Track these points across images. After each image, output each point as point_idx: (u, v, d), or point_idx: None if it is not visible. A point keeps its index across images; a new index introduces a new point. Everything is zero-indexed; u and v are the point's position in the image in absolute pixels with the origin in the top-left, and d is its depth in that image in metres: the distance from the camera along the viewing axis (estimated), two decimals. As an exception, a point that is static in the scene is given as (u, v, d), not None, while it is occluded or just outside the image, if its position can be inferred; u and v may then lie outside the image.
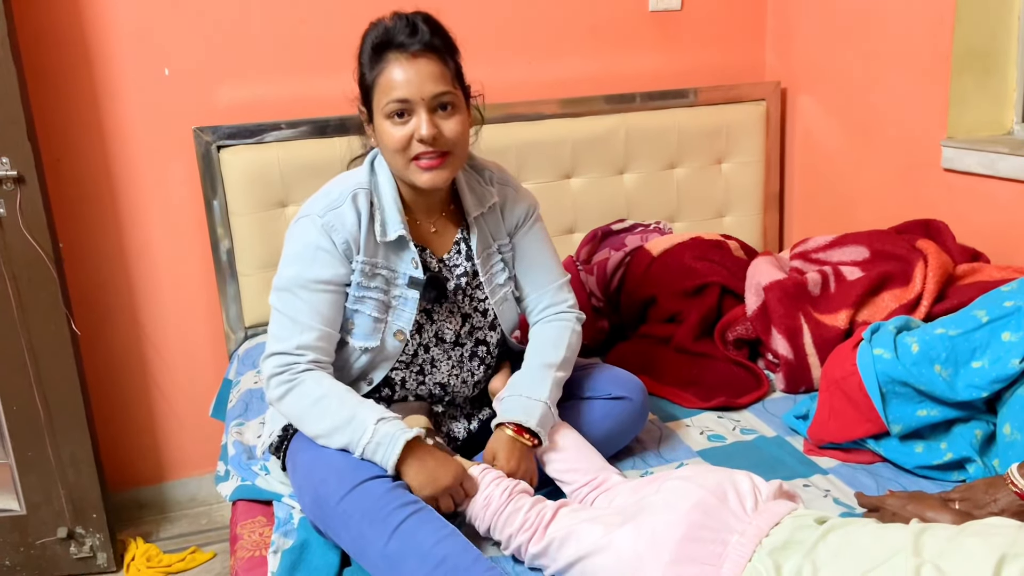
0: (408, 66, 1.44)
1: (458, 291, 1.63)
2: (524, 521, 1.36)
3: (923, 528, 1.13)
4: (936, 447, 1.57)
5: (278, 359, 1.47)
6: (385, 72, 1.46)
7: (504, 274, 1.68)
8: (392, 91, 1.45)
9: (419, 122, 1.45)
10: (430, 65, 1.45)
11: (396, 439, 1.38)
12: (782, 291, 1.97)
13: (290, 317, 1.48)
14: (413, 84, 1.44)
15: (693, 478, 1.28)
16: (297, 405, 1.45)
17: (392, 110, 1.45)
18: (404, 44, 1.45)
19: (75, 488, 2.30)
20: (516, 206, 1.69)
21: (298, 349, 1.47)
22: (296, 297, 1.49)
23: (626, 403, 1.67)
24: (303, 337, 1.47)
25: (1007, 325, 1.51)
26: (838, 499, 1.52)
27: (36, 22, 2.21)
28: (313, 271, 1.49)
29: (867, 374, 1.59)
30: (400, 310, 1.56)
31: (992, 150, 2.13)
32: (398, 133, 1.46)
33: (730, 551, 1.17)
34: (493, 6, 2.57)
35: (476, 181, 1.66)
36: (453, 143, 1.48)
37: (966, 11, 2.17)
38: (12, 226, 2.10)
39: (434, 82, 1.45)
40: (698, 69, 2.80)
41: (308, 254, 1.50)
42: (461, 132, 1.49)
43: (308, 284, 1.49)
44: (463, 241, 1.64)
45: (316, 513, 1.41)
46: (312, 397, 1.44)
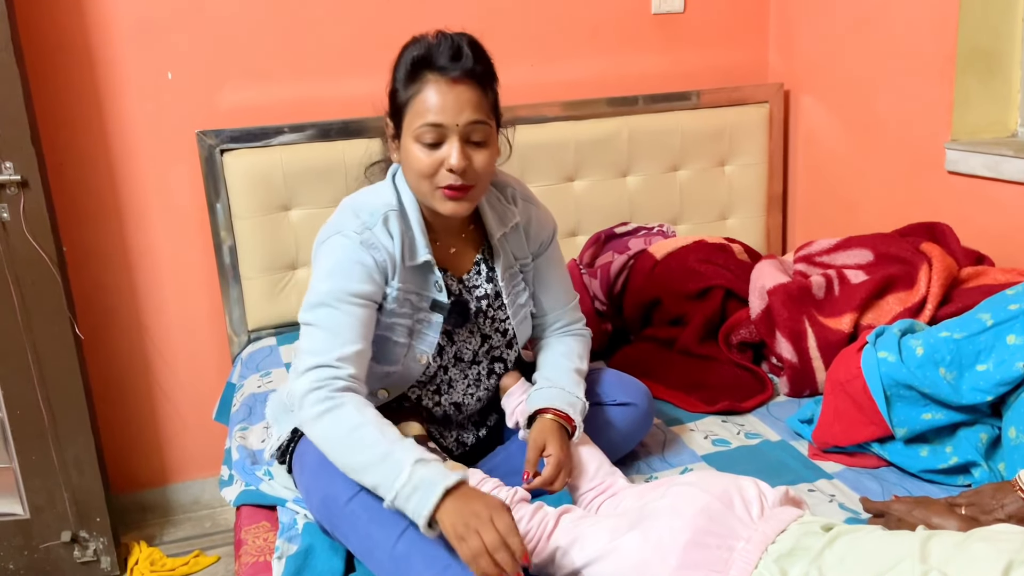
0: (447, 90, 1.39)
1: (479, 314, 1.59)
2: (527, 532, 1.35)
3: (930, 535, 1.12)
4: (941, 451, 1.56)
5: (317, 373, 1.36)
6: (422, 93, 1.40)
7: (525, 293, 1.64)
8: (427, 114, 1.39)
9: (450, 150, 1.40)
10: (469, 92, 1.40)
11: (431, 492, 1.22)
12: (786, 294, 1.97)
13: (329, 330, 1.40)
14: (450, 110, 1.39)
15: (699, 484, 1.28)
16: (333, 431, 1.33)
17: (424, 133, 1.40)
18: (445, 67, 1.39)
19: (79, 492, 2.30)
20: (541, 228, 1.65)
21: (339, 361, 1.37)
22: (336, 310, 1.41)
23: (632, 409, 1.66)
24: (344, 349, 1.38)
25: (1012, 328, 1.50)
26: (843, 504, 1.51)
27: (39, 26, 2.21)
28: (353, 284, 1.43)
29: (871, 377, 1.59)
30: (423, 334, 1.53)
31: (996, 152, 2.12)
32: (427, 159, 1.41)
33: (736, 557, 1.16)
34: (496, 8, 2.56)
35: (497, 199, 1.61)
36: (480, 176, 1.44)
37: (970, 12, 2.16)
38: (16, 230, 2.10)
39: (472, 110, 1.40)
40: (701, 71, 2.80)
41: (347, 268, 1.43)
42: (489, 166, 1.45)
43: (348, 297, 1.42)
44: (483, 262, 1.60)
45: (324, 514, 1.40)
46: (349, 424, 1.32)
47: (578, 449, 1.54)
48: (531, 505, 1.40)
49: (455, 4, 2.53)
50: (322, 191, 2.38)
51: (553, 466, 1.47)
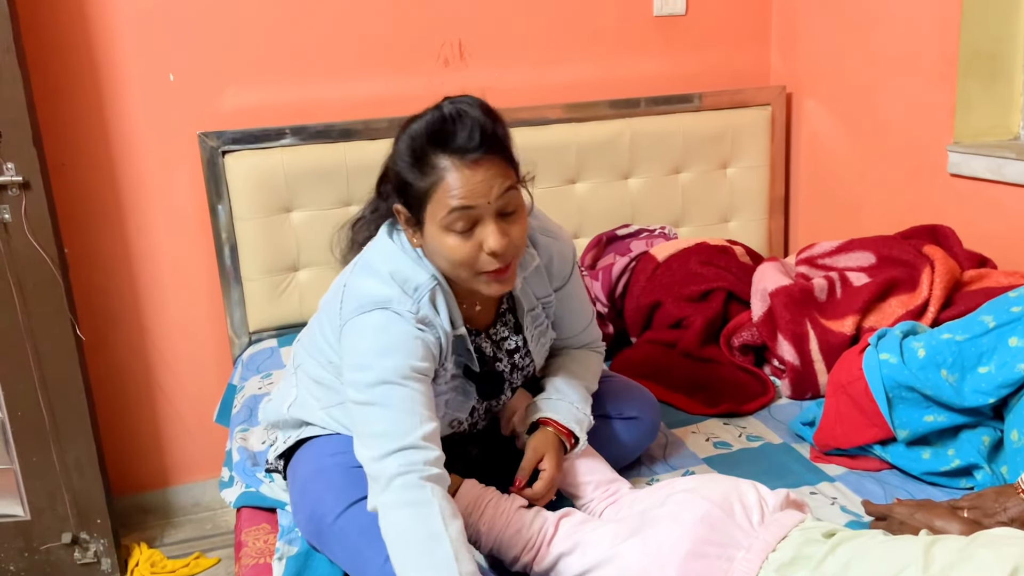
0: (472, 172, 1.25)
1: (513, 370, 1.54)
2: (527, 541, 1.34)
3: (933, 540, 1.12)
4: (943, 453, 1.56)
5: (404, 456, 1.23)
6: (445, 181, 1.26)
7: (548, 331, 1.58)
8: (453, 199, 1.26)
9: (486, 233, 1.28)
10: (495, 167, 1.27)
11: None
12: (788, 297, 1.97)
13: (403, 410, 1.27)
14: (479, 192, 1.26)
15: (699, 489, 1.27)
16: (411, 528, 1.20)
17: (455, 221, 1.27)
18: (464, 149, 1.26)
19: (79, 493, 2.30)
20: (562, 261, 1.55)
21: (424, 441, 1.25)
22: (405, 387, 1.29)
23: (639, 422, 1.65)
24: (425, 428, 1.26)
25: (1014, 330, 1.50)
26: (845, 507, 1.51)
27: (42, 28, 2.21)
28: (417, 361, 1.31)
29: (873, 379, 1.58)
30: (460, 401, 1.47)
31: (999, 155, 2.12)
32: (464, 248, 1.29)
33: (736, 568, 1.16)
34: (498, 12, 2.56)
35: None
36: (519, 248, 1.33)
37: (972, 15, 2.16)
38: (17, 231, 2.10)
39: (501, 182, 1.27)
40: (703, 74, 2.80)
41: (408, 344, 1.31)
42: (524, 233, 1.34)
43: (413, 374, 1.30)
44: (508, 312, 1.53)
45: (311, 530, 1.39)
46: (431, 531, 1.18)
47: (581, 459, 1.53)
48: (530, 511, 1.40)
49: (457, 8, 2.53)
50: (323, 193, 2.38)
51: (545, 483, 1.46)
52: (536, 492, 1.45)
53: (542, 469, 1.47)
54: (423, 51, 2.53)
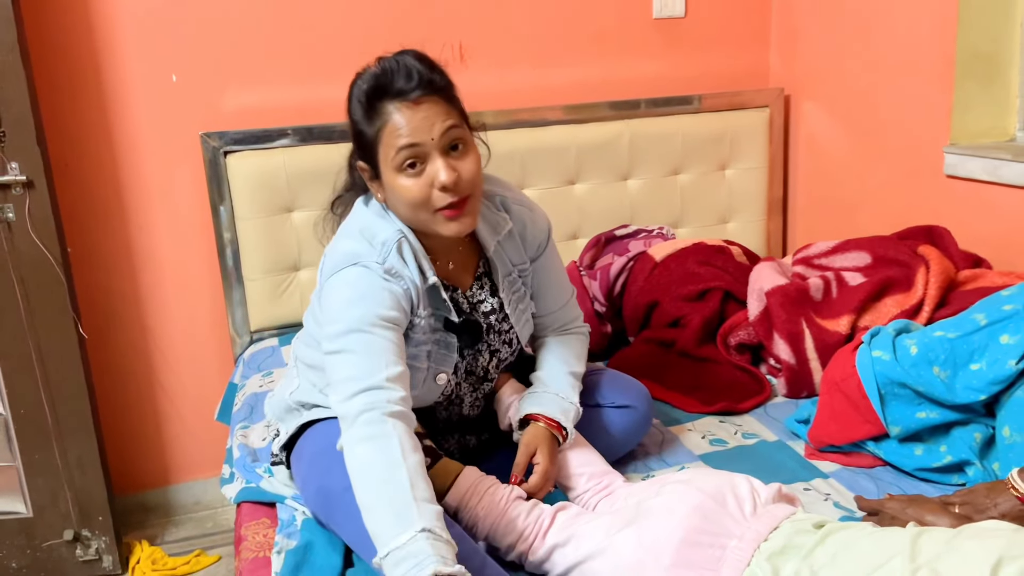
0: (413, 113, 1.35)
1: (489, 330, 1.58)
2: (523, 530, 1.36)
3: (920, 531, 1.13)
4: (935, 449, 1.57)
5: (367, 396, 1.29)
6: (389, 123, 1.36)
7: (526, 298, 1.62)
8: (399, 139, 1.35)
9: (436, 168, 1.35)
10: (435, 106, 1.36)
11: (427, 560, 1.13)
12: (784, 296, 1.98)
13: (368, 354, 1.33)
14: (422, 128, 1.34)
15: (692, 481, 1.29)
16: (371, 458, 1.25)
17: (403, 158, 1.35)
18: (403, 91, 1.35)
19: (81, 491, 2.32)
20: (536, 230, 1.61)
21: (388, 382, 1.31)
22: (371, 335, 1.35)
23: (631, 412, 1.67)
24: (390, 370, 1.32)
25: (1005, 328, 1.51)
26: (838, 503, 1.52)
27: (45, 29, 2.24)
28: (383, 310, 1.37)
29: (866, 376, 1.60)
30: (443, 354, 1.51)
31: (995, 156, 2.14)
32: (415, 186, 1.36)
33: (728, 555, 1.17)
34: (498, 14, 2.58)
35: (487, 208, 1.55)
36: (472, 184, 1.39)
37: (969, 17, 2.18)
38: (21, 230, 2.12)
39: (443, 119, 1.35)
40: (702, 75, 2.82)
41: (375, 294, 1.38)
42: (477, 171, 1.41)
43: (380, 321, 1.36)
44: (484, 275, 1.58)
45: (319, 503, 1.41)
46: (389, 460, 1.23)
47: (574, 452, 1.55)
48: (527, 503, 1.41)
49: (457, 9, 2.55)
50: (324, 193, 2.33)
51: (540, 475, 1.49)
52: (532, 486, 1.48)
53: (536, 463, 1.50)
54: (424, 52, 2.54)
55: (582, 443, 1.58)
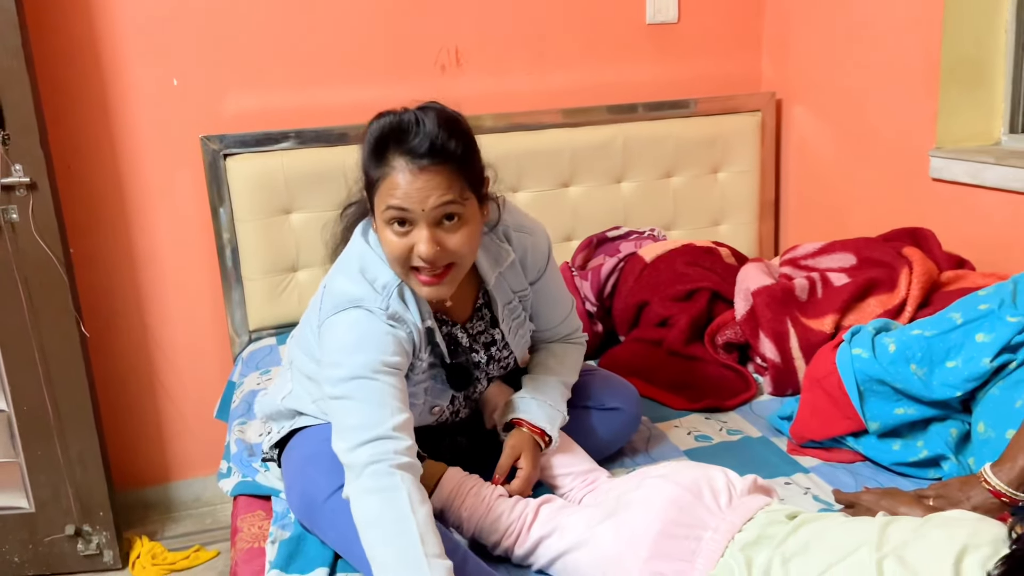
0: (413, 177, 1.31)
1: (490, 361, 1.60)
2: (508, 526, 1.40)
3: (888, 521, 1.17)
4: (912, 444, 1.61)
5: (375, 446, 1.29)
6: (389, 177, 1.32)
7: (526, 322, 1.63)
8: (392, 198, 1.32)
9: (419, 237, 1.33)
10: (439, 177, 1.31)
11: None
12: (770, 296, 2.02)
13: (373, 402, 1.33)
14: (414, 197, 1.31)
15: (670, 475, 1.33)
16: (380, 512, 1.26)
17: (392, 216, 1.34)
18: (412, 151, 1.31)
19: (83, 487, 2.36)
20: (537, 255, 1.60)
21: (395, 431, 1.31)
22: (376, 381, 1.35)
23: (620, 414, 1.71)
24: (396, 419, 1.32)
25: (981, 327, 1.55)
26: (817, 496, 1.56)
27: (50, 34, 2.28)
28: (387, 356, 1.37)
29: (846, 373, 1.64)
30: (439, 390, 1.54)
31: (978, 160, 2.18)
32: (398, 244, 1.35)
33: (703, 547, 1.21)
34: (494, 19, 2.63)
35: (490, 240, 1.53)
36: (458, 256, 1.37)
37: (953, 24, 2.22)
38: (24, 231, 2.17)
39: (440, 194, 1.31)
40: (695, 80, 2.86)
41: (379, 340, 1.38)
42: (467, 243, 1.37)
43: (384, 368, 1.36)
44: (484, 307, 1.58)
45: (303, 510, 1.45)
46: (398, 515, 1.24)
47: (560, 454, 1.58)
48: (510, 500, 1.45)
49: (455, 15, 2.59)
50: (322, 195, 2.44)
51: (523, 481, 1.52)
52: (514, 489, 1.51)
53: (519, 467, 1.54)
54: (420, 57, 2.59)
55: (568, 444, 1.61)
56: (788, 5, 2.78)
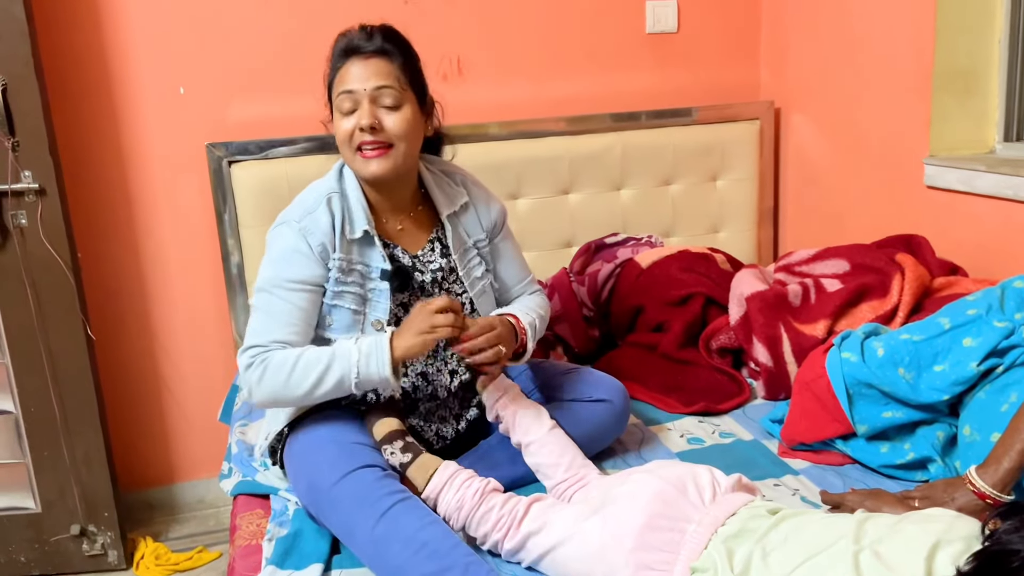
0: (360, 66, 1.59)
1: (434, 284, 1.71)
2: (498, 519, 1.43)
3: (866, 517, 1.20)
4: (900, 447, 1.64)
5: (252, 351, 1.56)
6: (342, 71, 1.61)
7: (482, 267, 1.76)
8: (342, 85, 1.60)
9: (362, 112, 1.57)
10: (380, 64, 1.59)
11: (380, 343, 1.51)
12: (763, 301, 2.05)
13: (268, 314, 1.58)
14: (359, 77, 1.58)
15: (656, 471, 1.36)
16: (277, 376, 1.52)
17: (341, 101, 1.59)
18: (360, 47, 1.60)
19: (88, 487, 2.39)
20: (491, 207, 1.80)
21: (273, 343, 1.56)
22: (274, 296, 1.58)
23: (606, 405, 1.74)
24: (278, 333, 1.56)
25: (968, 332, 1.58)
26: (805, 497, 1.59)
27: (59, 43, 2.33)
28: (290, 271, 1.58)
29: (835, 376, 1.67)
30: (376, 302, 1.64)
31: (971, 168, 2.20)
32: (344, 125, 1.59)
33: (687, 539, 1.24)
34: (495, 29, 2.67)
35: (446, 183, 1.76)
36: (396, 136, 1.59)
37: (946, 34, 2.24)
38: (33, 235, 2.21)
39: (379, 77, 1.58)
40: (694, 89, 2.88)
41: (286, 256, 1.59)
42: (404, 126, 1.59)
43: (285, 284, 1.58)
44: (437, 240, 1.73)
45: (309, 498, 1.51)
46: (289, 362, 1.52)
47: (554, 440, 1.61)
48: (503, 495, 1.48)
49: (456, 24, 2.63)
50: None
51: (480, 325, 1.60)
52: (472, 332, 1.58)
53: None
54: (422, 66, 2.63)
55: (561, 435, 1.63)
56: (785, 15, 2.81)
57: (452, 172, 1.79)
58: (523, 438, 1.61)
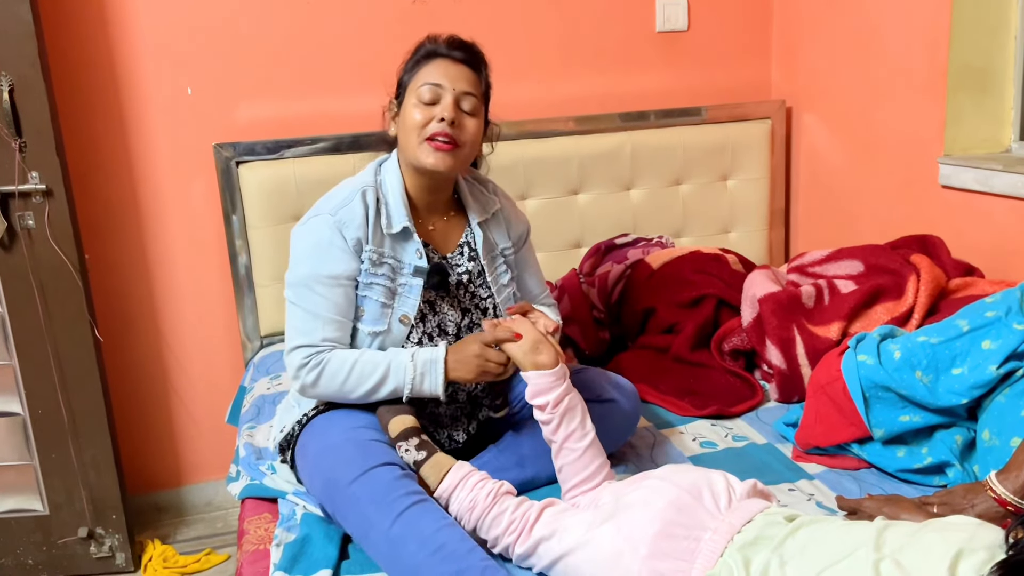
0: (448, 67, 1.62)
1: (460, 287, 1.71)
2: (510, 523, 1.41)
3: (886, 524, 1.17)
4: (917, 452, 1.61)
5: (304, 351, 1.59)
6: (426, 68, 1.62)
7: (508, 275, 1.78)
8: (429, 76, 1.60)
9: (444, 106, 1.58)
10: (467, 72, 1.63)
11: (436, 364, 1.57)
12: (776, 303, 2.02)
13: (310, 312, 1.59)
14: (448, 76, 1.60)
15: (670, 477, 1.34)
16: (334, 381, 1.57)
17: (424, 92, 1.59)
18: (448, 53, 1.63)
19: (96, 490, 2.38)
20: (518, 223, 1.83)
21: (323, 341, 1.59)
22: (313, 292, 1.59)
23: (615, 405, 1.72)
24: (326, 331, 1.59)
25: (987, 334, 1.55)
26: (821, 503, 1.56)
27: (66, 44, 2.32)
28: (328, 267, 1.59)
29: (851, 379, 1.64)
30: (405, 296, 1.65)
31: (987, 167, 2.17)
32: (421, 113, 1.59)
33: (703, 547, 1.22)
34: (504, 28, 2.65)
35: (479, 191, 1.78)
36: (466, 140, 1.61)
37: (961, 32, 2.22)
38: (40, 237, 2.20)
39: (466, 82, 1.61)
40: (705, 88, 2.86)
41: (321, 251, 1.60)
42: (475, 134, 1.63)
43: (324, 279, 1.59)
44: (467, 245, 1.74)
45: (325, 496, 1.49)
46: (346, 368, 1.57)
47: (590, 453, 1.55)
48: (516, 498, 1.46)
49: (465, 25, 2.60)
50: (333, 202, 2.46)
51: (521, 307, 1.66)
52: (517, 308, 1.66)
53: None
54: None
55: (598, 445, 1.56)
56: (797, 13, 2.78)
57: (485, 181, 1.83)
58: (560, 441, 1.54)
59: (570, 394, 1.55)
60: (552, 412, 1.53)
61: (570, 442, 1.52)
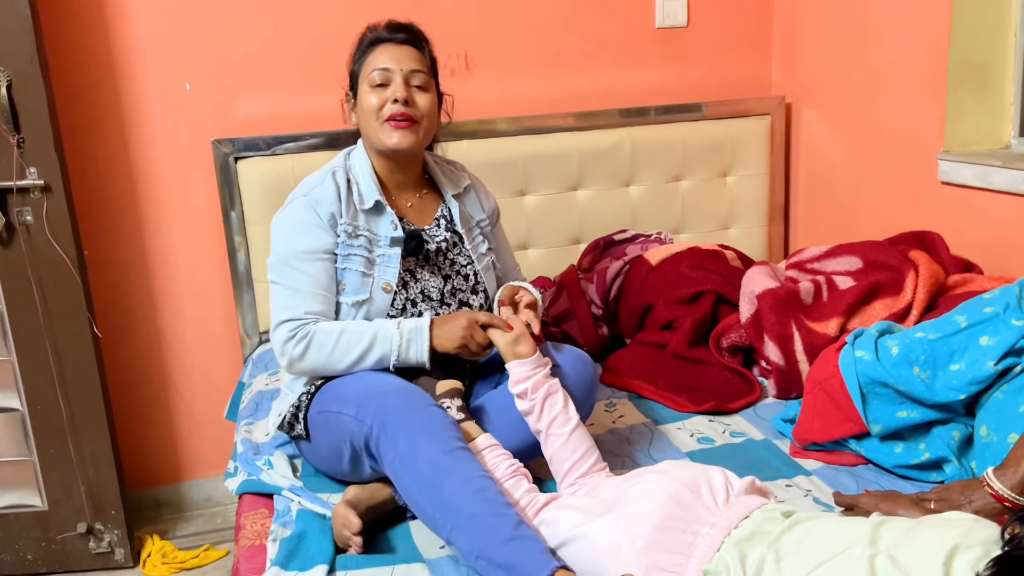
0: (392, 49, 1.72)
1: (439, 253, 1.78)
2: (518, 501, 1.44)
3: (882, 520, 1.17)
4: (915, 447, 1.61)
5: (289, 325, 1.64)
6: (373, 54, 1.72)
7: (485, 245, 1.86)
8: (377, 63, 1.70)
9: (396, 87, 1.68)
10: (411, 51, 1.73)
11: (421, 332, 1.63)
12: (774, 299, 2.02)
13: (292, 288, 1.66)
14: (395, 59, 1.70)
15: (669, 472, 1.34)
16: (321, 351, 1.62)
17: (375, 77, 1.69)
18: (393, 37, 1.73)
19: (95, 485, 2.39)
20: (488, 196, 1.93)
21: (307, 314, 1.64)
22: (293, 269, 1.66)
23: (559, 370, 1.68)
24: (308, 303, 1.65)
25: (985, 330, 1.55)
26: (818, 499, 1.56)
27: (64, 40, 2.32)
28: (305, 243, 1.67)
29: (848, 375, 1.64)
30: (384, 266, 1.71)
31: (987, 163, 2.17)
32: (376, 97, 1.69)
33: (700, 541, 1.22)
34: (503, 25, 2.65)
35: (449, 170, 1.88)
36: (422, 114, 1.71)
37: (961, 29, 2.21)
38: (39, 233, 2.20)
39: (412, 61, 1.71)
40: (704, 84, 2.86)
41: (298, 229, 1.68)
42: (431, 107, 1.73)
43: (302, 255, 1.66)
44: (443, 218, 1.82)
45: (377, 416, 1.49)
46: (332, 338, 1.62)
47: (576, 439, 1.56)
48: (526, 484, 1.48)
49: (463, 21, 2.61)
50: (331, 198, 2.46)
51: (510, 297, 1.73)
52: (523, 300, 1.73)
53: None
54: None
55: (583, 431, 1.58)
56: (797, 9, 2.78)
57: (453, 162, 1.93)
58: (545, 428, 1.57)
59: (549, 381, 1.60)
60: (533, 398, 1.57)
61: (554, 427, 1.56)
